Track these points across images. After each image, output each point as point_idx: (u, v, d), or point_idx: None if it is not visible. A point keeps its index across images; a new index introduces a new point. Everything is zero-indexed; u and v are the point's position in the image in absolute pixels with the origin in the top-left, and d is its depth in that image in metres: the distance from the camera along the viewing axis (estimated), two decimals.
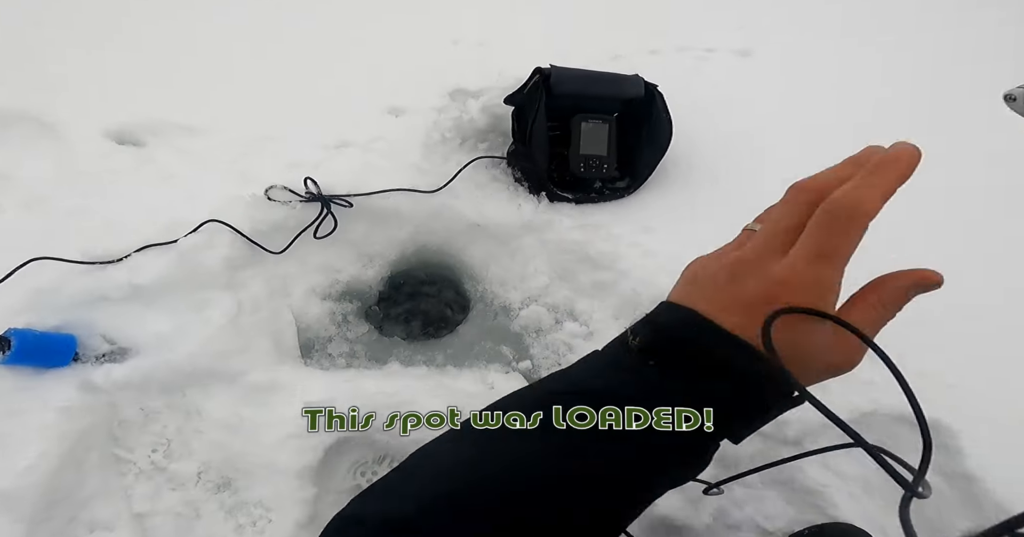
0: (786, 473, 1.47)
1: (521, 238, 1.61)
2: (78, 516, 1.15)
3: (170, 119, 1.63)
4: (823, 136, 1.83)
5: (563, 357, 1.52)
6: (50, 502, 1.13)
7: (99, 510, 1.17)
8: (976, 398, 1.42)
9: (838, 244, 0.53)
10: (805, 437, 1.45)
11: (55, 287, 1.30)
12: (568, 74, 1.66)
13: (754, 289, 0.55)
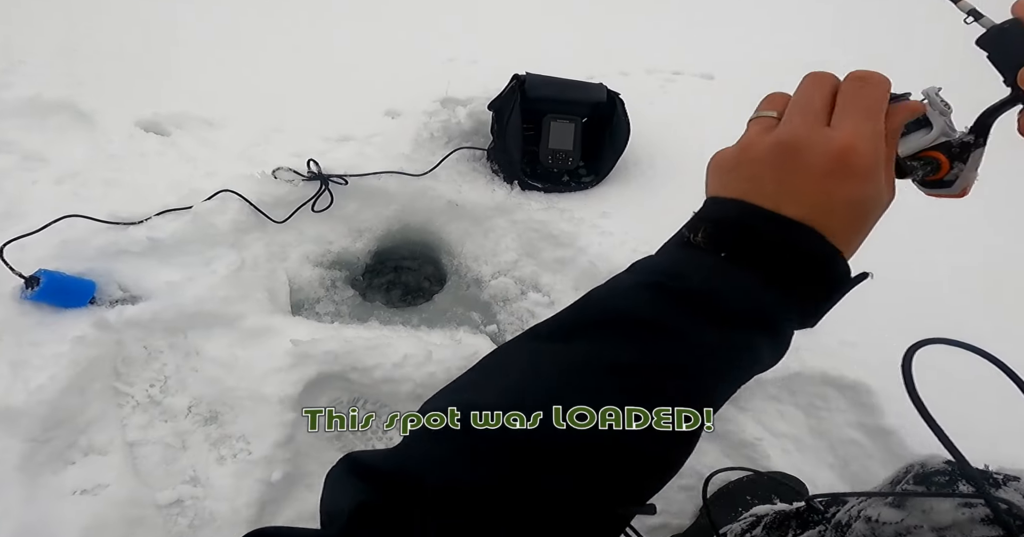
0: (723, 428, 1.48)
1: (494, 219, 1.65)
2: (76, 441, 1.19)
3: (193, 112, 1.70)
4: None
5: (526, 322, 1.55)
6: (54, 423, 1.17)
7: (95, 436, 1.20)
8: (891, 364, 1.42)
9: (877, 101, 0.52)
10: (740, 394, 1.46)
11: (82, 240, 1.37)
12: (541, 80, 1.73)
13: (821, 160, 0.51)
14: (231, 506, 1.20)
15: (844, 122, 0.52)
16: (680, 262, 0.54)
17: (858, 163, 0.51)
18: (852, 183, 0.51)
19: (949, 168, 0.58)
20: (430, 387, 1.34)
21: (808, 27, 2.66)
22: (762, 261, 0.51)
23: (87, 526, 1.12)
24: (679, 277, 0.52)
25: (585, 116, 1.75)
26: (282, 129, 1.71)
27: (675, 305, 0.50)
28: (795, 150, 0.52)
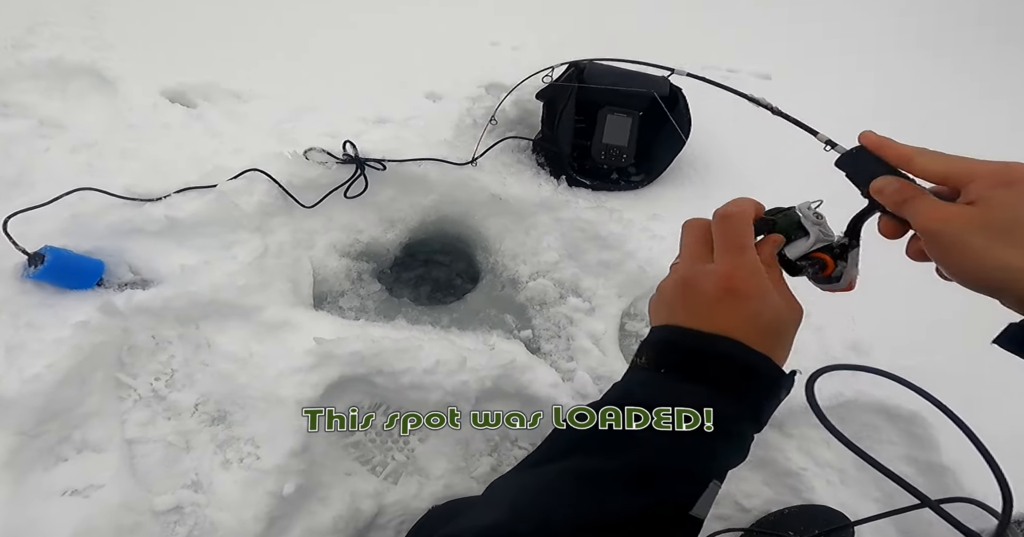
0: (767, 455, 1.31)
1: (537, 215, 1.47)
2: (71, 436, 1.04)
3: (222, 84, 1.53)
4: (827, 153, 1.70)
5: (563, 329, 1.37)
6: (48, 415, 1.02)
7: (92, 431, 1.04)
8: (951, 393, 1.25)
9: (741, 233, 0.62)
10: (786, 419, 1.32)
11: (94, 216, 1.21)
12: (601, 69, 1.55)
13: (711, 289, 0.60)
14: (237, 518, 1.04)
15: (721, 256, 0.62)
16: (631, 382, 0.62)
17: (741, 287, 0.59)
18: (743, 303, 0.59)
19: (834, 266, 0.66)
20: (462, 397, 1.18)
21: (868, 28, 2.44)
22: (691, 370, 0.59)
23: (75, 532, 0.96)
24: (630, 395, 0.60)
25: (642, 110, 1.55)
26: (315, 107, 1.53)
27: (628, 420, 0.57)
28: (690, 285, 0.62)
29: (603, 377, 1.31)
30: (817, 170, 0.79)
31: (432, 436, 1.21)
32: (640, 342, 0.65)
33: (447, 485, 1.19)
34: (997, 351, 0.51)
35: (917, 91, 2.18)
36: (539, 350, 1.35)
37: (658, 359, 0.61)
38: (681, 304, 0.62)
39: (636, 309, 1.43)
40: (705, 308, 0.60)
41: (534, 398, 1.24)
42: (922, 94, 2.17)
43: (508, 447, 1.25)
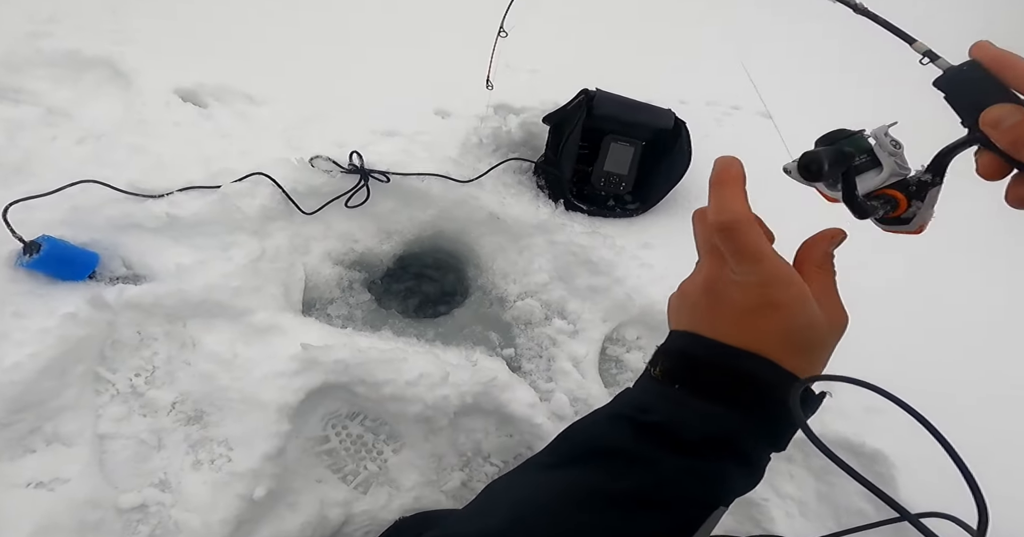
0: None
1: (533, 236, 1.40)
2: (42, 427, 0.97)
3: (236, 86, 1.46)
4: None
5: (546, 350, 1.31)
6: (22, 405, 0.95)
7: (65, 424, 0.98)
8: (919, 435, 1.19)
9: (751, 243, 0.49)
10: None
11: (94, 209, 1.15)
12: (609, 98, 1.48)
13: (740, 299, 0.50)
14: (203, 520, 0.98)
15: (741, 267, 0.50)
16: (647, 394, 0.53)
17: (774, 299, 0.49)
18: (775, 317, 0.49)
19: (907, 206, 0.52)
20: (442, 411, 1.11)
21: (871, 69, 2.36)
22: (713, 389, 0.50)
23: (37, 526, 0.90)
24: (645, 410, 0.51)
25: (645, 141, 1.48)
26: (326, 115, 1.46)
27: (642, 437, 0.50)
28: (717, 292, 0.51)
29: (580, 399, 1.24)
30: (818, 212, 0.71)
31: (406, 448, 1.14)
32: (657, 348, 0.55)
33: (416, 497, 1.12)
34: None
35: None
36: (520, 369, 1.28)
37: (676, 372, 0.51)
38: (706, 311, 0.52)
39: (619, 334, 1.36)
40: (732, 319, 0.50)
41: (511, 417, 1.17)
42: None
43: (480, 462, 1.18)
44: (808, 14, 2.53)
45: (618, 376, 1.32)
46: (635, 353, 1.34)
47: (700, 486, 0.48)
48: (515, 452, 1.20)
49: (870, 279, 1.31)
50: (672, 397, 0.50)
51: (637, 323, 1.36)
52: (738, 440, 0.48)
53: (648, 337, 1.36)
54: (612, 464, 0.49)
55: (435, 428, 1.13)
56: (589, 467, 0.50)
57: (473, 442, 1.17)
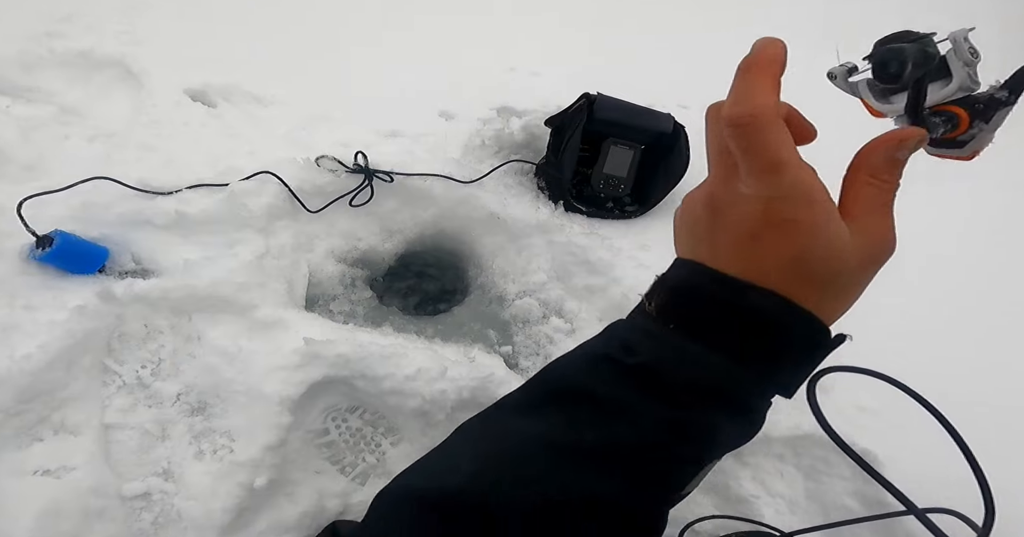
0: (721, 480, 1.26)
1: (532, 237, 1.40)
2: (50, 417, 0.98)
3: (244, 87, 1.47)
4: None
5: (543, 348, 1.31)
6: (31, 395, 0.96)
7: (72, 414, 0.99)
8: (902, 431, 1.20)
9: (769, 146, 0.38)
10: (743, 448, 1.24)
11: (105, 205, 1.15)
12: (610, 103, 1.47)
13: (745, 221, 0.39)
14: (204, 508, 0.98)
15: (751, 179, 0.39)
16: (636, 332, 0.43)
17: (786, 218, 0.38)
18: (788, 240, 0.38)
19: (969, 126, 0.43)
20: (439, 406, 1.11)
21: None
22: (710, 331, 0.40)
23: (42, 511, 0.91)
24: (631, 350, 0.42)
25: (645, 144, 1.48)
26: (331, 116, 1.47)
27: (625, 382, 0.41)
28: (718, 210, 0.41)
29: None
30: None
31: (404, 441, 1.15)
32: (657, 277, 0.45)
33: None
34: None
35: None
36: (517, 366, 1.28)
37: (670, 309, 0.42)
38: (706, 234, 0.42)
39: None
40: (736, 244, 0.40)
41: None
42: None
43: None
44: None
45: None
46: None
47: (688, 441, 0.41)
48: None
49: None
50: (664, 337, 0.41)
51: None
52: (736, 389, 0.40)
53: None
54: (587, 411, 0.42)
55: (432, 422, 1.14)
56: (562, 413, 0.43)
57: None
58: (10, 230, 1.05)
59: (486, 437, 0.45)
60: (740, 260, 0.40)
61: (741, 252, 0.40)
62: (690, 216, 0.44)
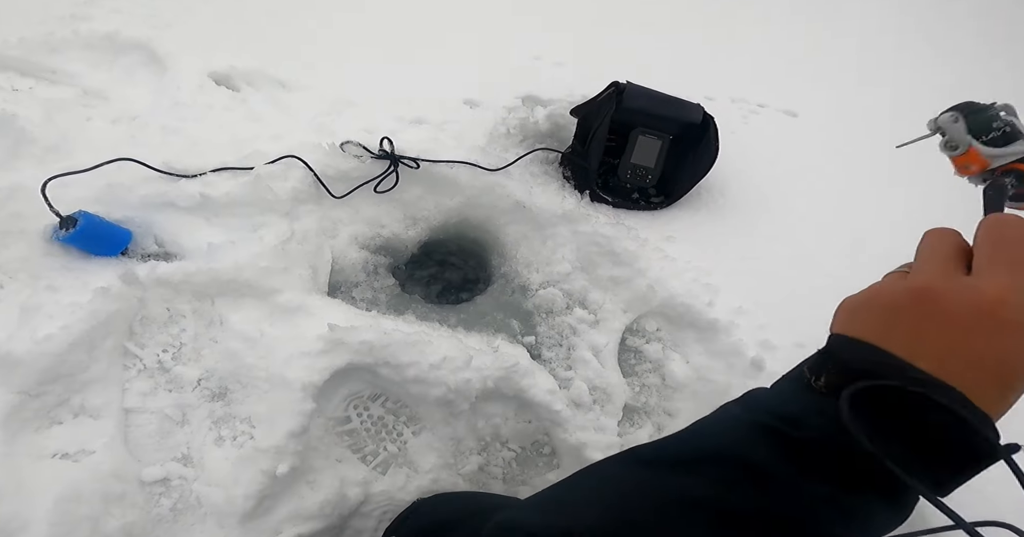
0: None
1: (557, 226, 1.35)
2: (70, 399, 0.94)
3: (269, 72, 1.42)
4: (849, 195, 1.55)
5: (566, 339, 1.25)
6: (51, 377, 0.92)
7: (92, 397, 0.95)
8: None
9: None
10: None
11: (129, 187, 1.12)
12: (639, 91, 1.42)
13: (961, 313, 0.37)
14: (225, 494, 0.94)
15: (991, 270, 0.39)
16: (798, 406, 0.41)
17: (1010, 317, 0.37)
18: (1002, 340, 0.37)
19: None
20: (463, 395, 1.06)
21: (899, 68, 2.26)
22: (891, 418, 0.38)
23: (61, 495, 0.86)
24: (796, 424, 0.40)
25: (673, 135, 1.42)
26: (356, 102, 1.42)
27: (789, 456, 0.39)
28: (933, 299, 0.39)
29: (599, 388, 1.19)
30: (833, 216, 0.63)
31: (425, 430, 1.10)
32: (821, 352, 0.43)
33: (434, 480, 1.07)
34: None
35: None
36: (540, 357, 1.23)
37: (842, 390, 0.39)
38: (908, 325, 0.39)
39: (639, 326, 1.30)
40: (946, 338, 0.37)
41: (531, 403, 1.12)
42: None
43: (498, 447, 1.14)
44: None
45: (637, 366, 1.27)
46: (654, 344, 1.28)
47: (848, 521, 0.38)
48: (532, 438, 1.15)
49: None
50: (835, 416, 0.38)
51: (657, 315, 1.30)
52: (899, 480, 0.37)
53: (668, 329, 1.30)
54: (741, 478, 0.39)
55: (455, 412, 1.09)
56: (714, 477, 0.40)
57: (492, 427, 1.12)
58: (33, 211, 1.01)
59: (620, 486, 0.43)
60: (941, 352, 0.38)
61: (948, 344, 0.38)
62: (884, 299, 0.41)
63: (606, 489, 0.43)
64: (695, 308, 1.27)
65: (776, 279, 1.34)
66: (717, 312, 1.26)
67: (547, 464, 1.14)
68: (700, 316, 1.27)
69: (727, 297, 1.28)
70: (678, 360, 1.26)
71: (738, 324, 1.25)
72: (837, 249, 1.45)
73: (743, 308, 1.27)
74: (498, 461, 1.13)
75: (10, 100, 1.13)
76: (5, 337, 0.92)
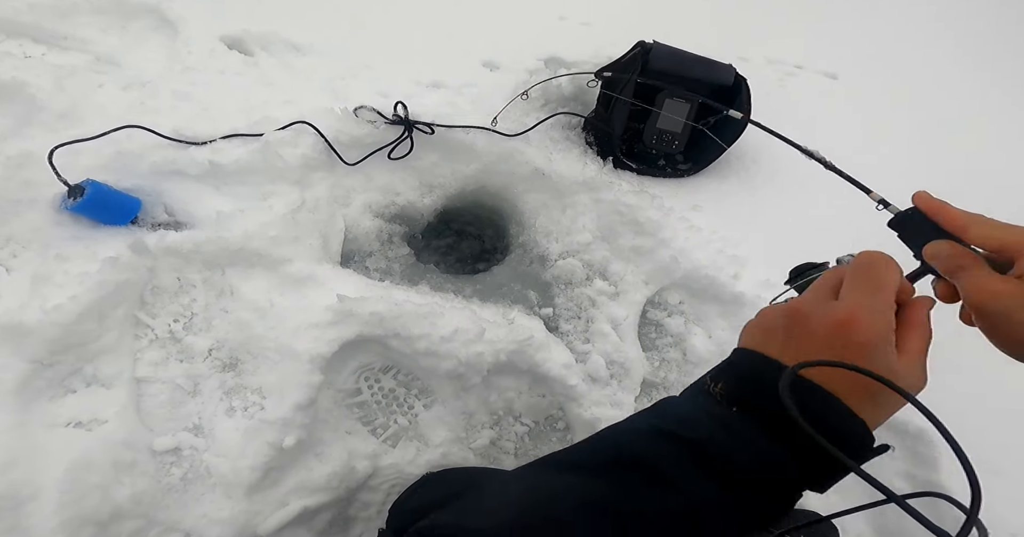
0: None
1: (578, 194, 1.28)
2: (82, 369, 0.93)
3: (282, 35, 1.37)
4: (889, 164, 1.43)
5: (584, 311, 1.20)
6: (63, 347, 0.91)
7: (103, 367, 0.93)
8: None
9: (883, 274, 0.48)
10: None
11: (138, 154, 1.09)
12: (667, 52, 1.33)
13: (824, 325, 0.46)
14: (232, 465, 0.93)
15: (849, 292, 0.48)
16: (697, 411, 0.48)
17: (860, 334, 0.45)
18: (854, 353, 0.44)
19: None
20: (475, 369, 1.03)
21: (953, 23, 2.07)
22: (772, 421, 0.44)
23: (73, 463, 0.86)
24: (693, 428, 0.46)
25: (702, 98, 1.31)
26: (371, 65, 1.36)
27: (685, 456, 0.45)
28: (802, 317, 0.48)
29: (616, 362, 1.14)
30: (873, 187, 0.65)
31: (437, 403, 1.06)
32: (720, 363, 0.50)
33: (444, 454, 1.04)
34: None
35: (986, 105, 1.84)
36: (557, 329, 1.17)
37: (735, 395, 0.46)
38: (782, 334, 0.47)
39: (661, 298, 1.23)
40: (808, 346, 0.45)
41: (545, 377, 1.08)
42: (990, 108, 1.82)
43: (510, 422, 1.10)
44: None
45: (657, 340, 1.20)
46: (676, 318, 1.21)
47: (734, 518, 0.44)
48: (546, 413, 1.11)
49: None
50: (728, 423, 0.45)
51: (680, 287, 1.23)
52: (787, 480, 0.44)
53: (691, 302, 1.23)
54: (643, 480, 0.45)
55: (467, 385, 1.05)
56: (617, 479, 0.45)
57: (505, 401, 1.08)
58: (43, 179, 0.99)
59: (533, 489, 0.47)
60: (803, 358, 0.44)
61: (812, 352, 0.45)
62: (768, 318, 0.50)
63: (522, 493, 0.47)
64: (720, 281, 1.20)
65: (807, 252, 1.24)
66: (743, 285, 1.19)
67: (560, 439, 1.10)
68: (724, 289, 1.20)
69: (754, 270, 1.20)
70: (700, 334, 1.19)
71: (764, 298, 1.17)
72: (876, 223, 1.34)
73: (770, 282, 1.19)
74: (510, 436, 1.09)
75: (21, 67, 1.10)
76: (17, 306, 0.90)
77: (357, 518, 1.02)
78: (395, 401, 1.06)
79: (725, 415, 0.45)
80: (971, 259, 0.47)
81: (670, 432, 0.46)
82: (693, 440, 0.45)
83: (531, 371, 1.08)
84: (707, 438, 0.44)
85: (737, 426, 0.44)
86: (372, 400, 1.05)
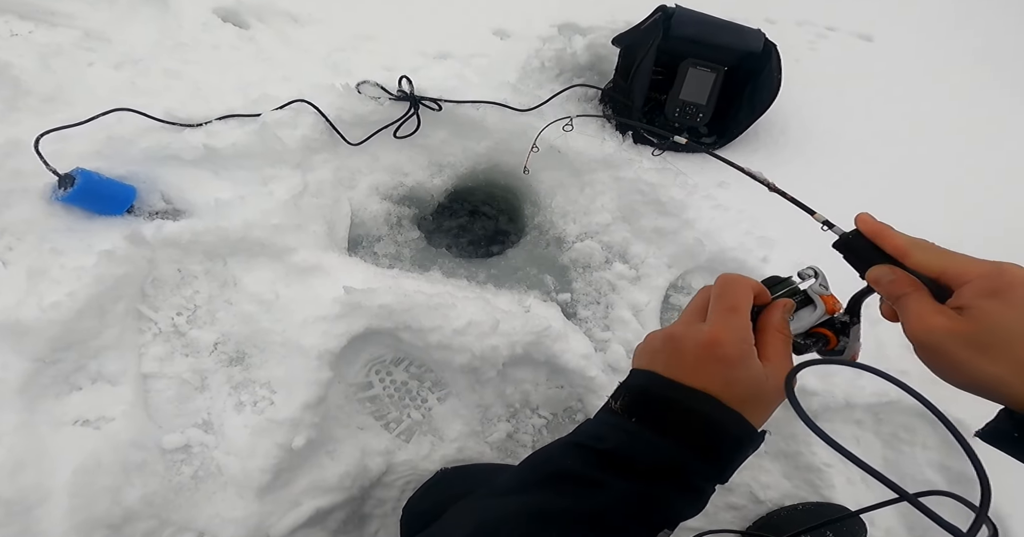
0: (792, 448, 1.15)
1: (596, 172, 1.24)
2: (87, 366, 0.92)
3: (279, 4, 1.31)
4: (928, 134, 1.35)
5: (604, 296, 1.17)
6: (65, 344, 0.90)
7: (108, 363, 0.93)
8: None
9: (736, 296, 0.56)
10: (821, 414, 1.12)
11: (131, 139, 1.06)
12: (690, 17, 1.27)
13: (693, 348, 0.54)
14: (242, 466, 0.93)
15: (711, 317, 0.56)
16: (604, 425, 0.56)
17: (722, 352, 0.53)
18: (721, 368, 0.53)
19: (837, 342, 0.60)
20: (490, 362, 1.01)
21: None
22: (663, 423, 0.53)
23: (81, 465, 0.85)
24: (600, 439, 0.54)
25: (729, 66, 1.24)
26: (374, 36, 1.30)
27: (599, 464, 0.53)
28: (677, 340, 0.56)
29: None
30: (911, 158, 0.58)
31: (451, 396, 1.04)
32: (619, 384, 0.59)
33: (460, 448, 1.03)
34: None
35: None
36: (575, 315, 1.15)
37: (632, 407, 0.55)
38: (663, 356, 0.56)
39: (685, 282, 1.20)
40: (685, 364, 0.54)
41: (563, 368, 1.06)
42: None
43: (527, 414, 1.08)
44: None
45: None
46: None
47: (649, 509, 0.51)
48: (565, 405, 1.09)
49: None
50: (628, 429, 0.53)
51: (706, 271, 1.19)
52: (683, 469, 0.51)
53: None
54: (571, 487, 0.52)
55: (482, 379, 1.03)
56: (550, 490, 0.53)
57: (521, 393, 1.06)
58: (32, 168, 0.97)
59: (482, 512, 0.54)
60: (688, 374, 0.53)
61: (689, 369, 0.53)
62: (652, 343, 0.58)
63: (466, 517, 0.54)
64: (748, 263, 1.17)
65: (841, 226, 1.20)
66: (772, 268, 1.15)
67: None
68: (753, 272, 1.15)
69: (784, 251, 1.16)
70: None
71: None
72: (913, 197, 1.28)
73: (801, 263, 1.13)
74: (528, 428, 1.07)
75: (5, 47, 1.06)
76: (14, 303, 0.90)
77: (372, 515, 1.01)
78: (408, 395, 1.04)
79: (626, 425, 0.53)
80: (912, 286, 0.50)
81: (584, 444, 0.54)
82: (603, 449, 0.52)
83: (548, 362, 1.06)
84: (613, 446, 0.52)
85: (636, 431, 0.52)
86: (384, 394, 1.03)
